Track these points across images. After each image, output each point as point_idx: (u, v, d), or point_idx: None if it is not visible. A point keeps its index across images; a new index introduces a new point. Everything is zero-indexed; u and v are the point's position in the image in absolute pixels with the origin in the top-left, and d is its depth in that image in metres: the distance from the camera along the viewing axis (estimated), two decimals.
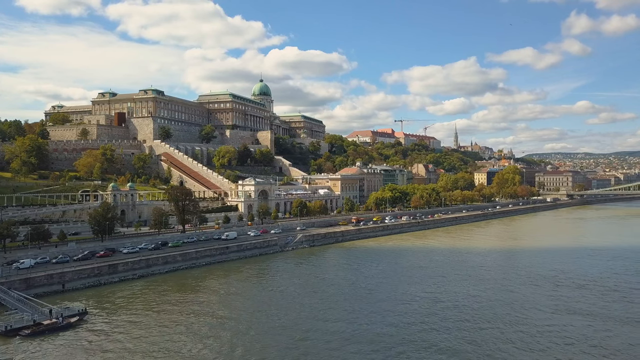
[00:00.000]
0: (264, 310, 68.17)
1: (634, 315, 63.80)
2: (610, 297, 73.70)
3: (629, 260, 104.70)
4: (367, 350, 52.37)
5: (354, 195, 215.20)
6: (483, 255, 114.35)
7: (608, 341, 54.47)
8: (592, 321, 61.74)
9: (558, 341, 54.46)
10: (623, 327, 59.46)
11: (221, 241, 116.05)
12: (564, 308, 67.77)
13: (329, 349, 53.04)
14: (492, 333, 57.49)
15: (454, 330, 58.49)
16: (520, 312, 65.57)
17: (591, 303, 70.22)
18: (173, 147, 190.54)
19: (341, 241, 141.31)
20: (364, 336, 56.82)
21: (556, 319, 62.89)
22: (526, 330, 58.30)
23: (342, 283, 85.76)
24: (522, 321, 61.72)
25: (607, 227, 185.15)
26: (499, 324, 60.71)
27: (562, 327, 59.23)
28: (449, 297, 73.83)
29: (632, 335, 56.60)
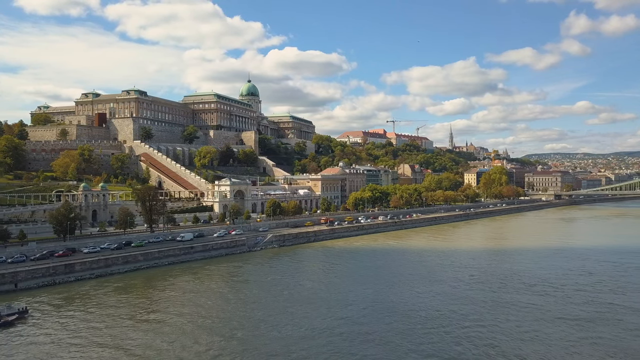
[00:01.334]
0: (200, 312, 68.59)
1: (566, 315, 64.36)
2: (552, 296, 74.29)
3: (588, 261, 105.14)
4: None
5: (336, 195, 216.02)
6: (445, 255, 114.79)
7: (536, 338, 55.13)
8: (523, 321, 62.32)
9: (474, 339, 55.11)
10: (555, 326, 60.03)
11: (186, 241, 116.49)
12: (494, 307, 68.42)
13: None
14: (418, 330, 58.15)
15: (375, 326, 59.18)
16: (449, 310, 66.20)
17: (529, 302, 70.80)
18: (152, 148, 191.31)
19: (313, 241, 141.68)
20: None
21: (483, 316, 63.54)
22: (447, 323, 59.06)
23: (289, 283, 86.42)
24: (445, 319, 62.41)
25: (583, 227, 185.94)
26: (420, 323, 61.31)
27: (481, 324, 59.92)
28: (391, 298, 74.44)
29: (553, 333, 57.20)
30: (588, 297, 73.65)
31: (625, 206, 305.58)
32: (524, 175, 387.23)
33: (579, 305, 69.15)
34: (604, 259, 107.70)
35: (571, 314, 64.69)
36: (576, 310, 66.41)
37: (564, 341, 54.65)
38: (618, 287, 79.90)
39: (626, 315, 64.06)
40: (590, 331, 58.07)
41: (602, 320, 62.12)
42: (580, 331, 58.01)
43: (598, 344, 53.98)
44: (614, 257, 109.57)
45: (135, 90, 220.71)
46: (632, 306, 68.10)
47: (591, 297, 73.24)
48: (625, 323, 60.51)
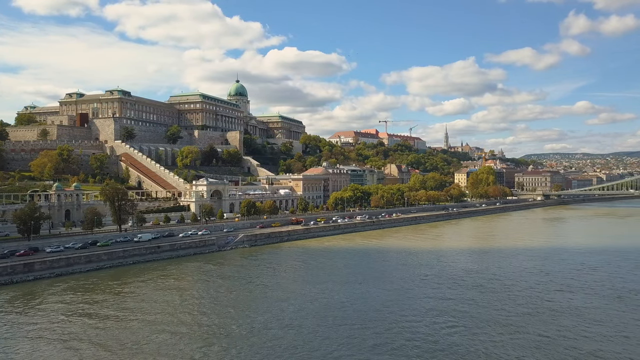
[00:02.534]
0: (148, 310, 69.33)
1: (493, 314, 64.97)
2: (493, 293, 74.99)
3: (549, 261, 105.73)
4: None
5: (318, 195, 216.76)
6: (409, 255, 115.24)
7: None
8: (460, 320, 62.94)
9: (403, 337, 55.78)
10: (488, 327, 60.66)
11: (144, 242, 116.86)
12: (438, 306, 69.03)
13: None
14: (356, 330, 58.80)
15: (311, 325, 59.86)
16: (375, 310, 66.89)
17: (469, 299, 71.43)
18: (133, 148, 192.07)
19: (286, 240, 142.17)
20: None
21: (423, 315, 64.22)
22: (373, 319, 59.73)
23: (239, 283, 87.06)
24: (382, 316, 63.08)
25: (559, 227, 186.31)
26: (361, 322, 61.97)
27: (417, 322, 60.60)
28: (334, 296, 75.13)
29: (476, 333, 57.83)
30: (529, 296, 74.21)
31: (613, 206, 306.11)
32: (514, 175, 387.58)
33: (514, 304, 69.55)
34: (567, 258, 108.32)
35: (503, 312, 65.30)
36: (508, 309, 66.95)
37: (487, 338, 55.23)
38: (566, 286, 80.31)
39: (556, 315, 64.51)
40: (510, 330, 58.59)
41: (529, 320, 62.45)
42: (499, 330, 58.52)
43: (505, 342, 54.55)
44: (578, 257, 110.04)
45: (119, 91, 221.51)
46: (567, 306, 68.52)
47: (531, 297, 73.77)
48: (551, 324, 60.67)
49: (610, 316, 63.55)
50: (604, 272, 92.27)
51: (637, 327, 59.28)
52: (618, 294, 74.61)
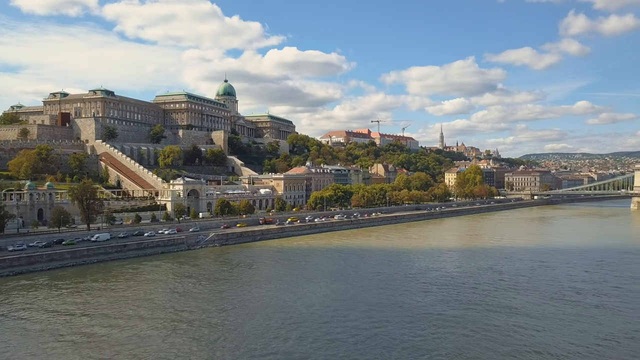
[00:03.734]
0: (84, 309, 70.02)
1: (428, 312, 65.63)
2: (434, 294, 75.59)
3: (507, 260, 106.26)
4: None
5: (300, 195, 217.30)
6: (374, 254, 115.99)
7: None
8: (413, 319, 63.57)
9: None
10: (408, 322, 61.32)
11: (119, 239, 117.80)
12: (377, 302, 69.71)
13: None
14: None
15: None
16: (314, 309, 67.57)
17: (410, 298, 72.08)
18: (113, 147, 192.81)
19: (259, 240, 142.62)
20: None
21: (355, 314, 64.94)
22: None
23: (190, 283, 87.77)
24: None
25: (534, 227, 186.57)
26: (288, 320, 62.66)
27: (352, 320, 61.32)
28: (279, 295, 75.82)
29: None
30: (471, 294, 74.85)
31: (600, 206, 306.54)
32: (504, 175, 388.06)
33: (454, 302, 70.21)
34: (527, 257, 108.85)
35: (437, 309, 66.10)
36: (444, 307, 67.68)
37: (410, 333, 55.88)
38: (513, 285, 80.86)
39: (490, 312, 65.09)
40: (436, 326, 59.22)
41: (461, 317, 63.07)
42: (424, 327, 59.16)
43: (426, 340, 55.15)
44: (539, 256, 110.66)
45: (102, 90, 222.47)
46: (505, 304, 69.08)
47: (472, 295, 74.47)
48: (480, 322, 61.16)
49: (544, 314, 64.08)
50: (558, 271, 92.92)
51: (567, 324, 59.76)
52: (562, 293, 75.13)
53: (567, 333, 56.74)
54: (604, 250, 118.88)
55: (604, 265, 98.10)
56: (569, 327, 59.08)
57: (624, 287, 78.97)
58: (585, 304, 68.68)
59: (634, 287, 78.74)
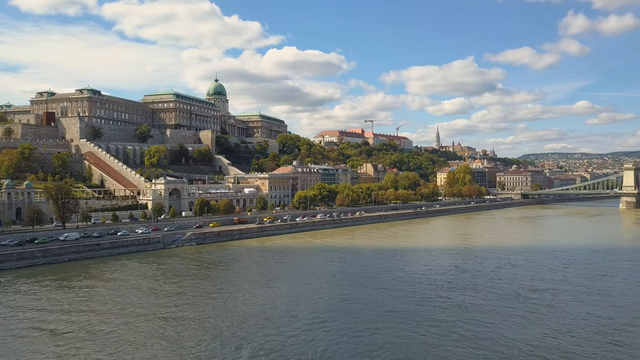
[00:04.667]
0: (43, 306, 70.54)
1: (379, 312, 66.06)
2: (397, 291, 76.08)
3: (476, 258, 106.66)
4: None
5: (286, 194, 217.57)
6: (345, 252, 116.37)
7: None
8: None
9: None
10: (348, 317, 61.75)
11: (92, 238, 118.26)
12: (330, 298, 70.26)
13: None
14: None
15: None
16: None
17: (365, 295, 72.54)
18: (97, 146, 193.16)
19: (238, 239, 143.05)
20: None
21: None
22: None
23: (168, 278, 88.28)
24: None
25: (516, 226, 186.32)
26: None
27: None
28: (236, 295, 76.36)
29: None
30: (427, 292, 75.35)
31: (589, 205, 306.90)
32: (496, 174, 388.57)
33: (409, 301, 70.61)
34: (496, 256, 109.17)
35: (385, 308, 66.52)
36: (396, 304, 68.19)
37: (351, 332, 56.34)
38: (473, 284, 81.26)
39: (439, 310, 65.55)
40: (377, 326, 59.65)
41: (407, 315, 63.56)
42: (366, 326, 59.61)
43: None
44: (508, 255, 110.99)
45: (89, 90, 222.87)
46: (458, 302, 69.55)
47: (429, 293, 74.96)
48: (426, 321, 61.57)
49: (491, 311, 64.50)
50: (522, 269, 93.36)
51: (513, 323, 60.17)
52: (517, 292, 75.52)
53: (506, 330, 57.13)
54: (575, 249, 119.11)
55: (570, 264, 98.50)
56: (510, 324, 59.45)
57: (581, 286, 79.24)
58: (536, 302, 69.02)
59: (590, 286, 78.96)
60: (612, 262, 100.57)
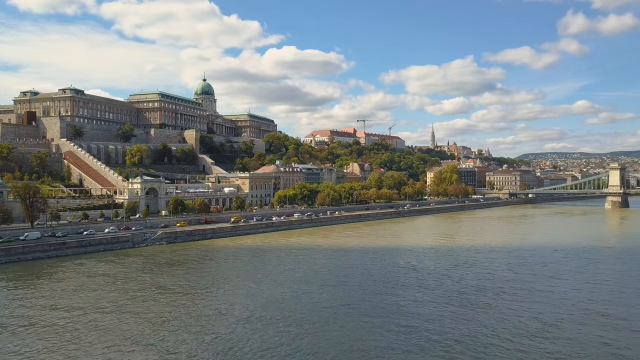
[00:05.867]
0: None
1: (308, 309, 66.64)
2: (345, 290, 76.65)
3: (435, 258, 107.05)
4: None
5: (267, 193, 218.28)
6: (306, 251, 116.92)
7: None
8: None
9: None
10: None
11: (56, 237, 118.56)
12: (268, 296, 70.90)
13: None
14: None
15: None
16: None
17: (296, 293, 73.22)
18: (77, 146, 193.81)
19: (210, 238, 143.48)
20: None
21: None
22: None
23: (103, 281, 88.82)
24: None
25: (494, 226, 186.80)
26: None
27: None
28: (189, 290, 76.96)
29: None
30: (366, 291, 75.91)
31: (576, 205, 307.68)
32: (485, 174, 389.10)
33: (346, 299, 71.27)
34: (456, 256, 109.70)
35: (317, 307, 67.10)
36: (331, 303, 68.76)
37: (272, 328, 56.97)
38: (421, 284, 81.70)
39: (375, 309, 66.10)
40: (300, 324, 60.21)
41: (333, 313, 64.13)
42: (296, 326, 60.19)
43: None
44: (470, 255, 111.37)
45: (71, 89, 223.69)
46: (393, 302, 70.01)
47: (367, 292, 75.43)
48: (355, 320, 62.17)
49: (426, 311, 65.02)
50: (476, 269, 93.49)
51: (438, 321, 60.68)
52: (461, 291, 75.95)
53: (432, 330, 57.64)
54: (539, 248, 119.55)
55: (527, 264, 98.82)
56: (439, 324, 59.94)
57: (527, 286, 79.60)
58: (476, 302, 69.29)
59: (534, 286, 79.27)
60: (570, 262, 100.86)
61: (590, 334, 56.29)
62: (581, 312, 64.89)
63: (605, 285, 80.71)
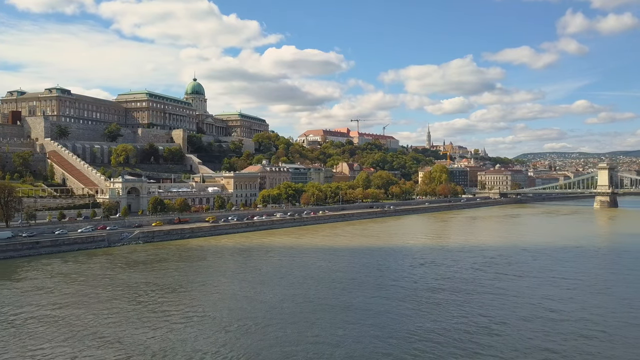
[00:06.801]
0: None
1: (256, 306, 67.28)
2: (299, 289, 77.27)
3: (404, 258, 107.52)
4: None
5: (253, 193, 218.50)
6: (280, 251, 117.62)
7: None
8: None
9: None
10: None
11: (29, 237, 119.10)
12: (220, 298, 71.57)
13: None
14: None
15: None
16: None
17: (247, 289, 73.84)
18: (60, 145, 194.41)
19: (189, 237, 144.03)
20: None
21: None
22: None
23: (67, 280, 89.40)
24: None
25: (473, 226, 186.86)
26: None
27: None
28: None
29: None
30: (326, 291, 76.57)
31: (566, 204, 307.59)
32: (477, 173, 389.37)
33: (295, 297, 71.92)
34: (422, 255, 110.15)
35: (272, 305, 67.68)
36: (281, 303, 69.36)
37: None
38: (379, 283, 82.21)
39: (323, 308, 66.69)
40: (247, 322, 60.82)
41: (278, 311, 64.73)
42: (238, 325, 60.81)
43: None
44: (436, 254, 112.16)
45: (57, 89, 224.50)
46: (340, 301, 70.62)
47: (326, 291, 76.18)
48: (299, 319, 62.69)
49: (373, 310, 65.60)
50: (437, 269, 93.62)
51: (380, 320, 61.31)
52: (416, 291, 76.44)
53: (373, 324, 58.25)
54: (508, 248, 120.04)
55: (491, 263, 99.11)
56: (382, 319, 60.58)
57: (484, 285, 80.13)
58: (425, 301, 69.82)
59: (490, 286, 79.71)
60: (535, 262, 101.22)
61: (527, 331, 56.87)
62: (528, 310, 65.50)
63: (560, 284, 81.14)
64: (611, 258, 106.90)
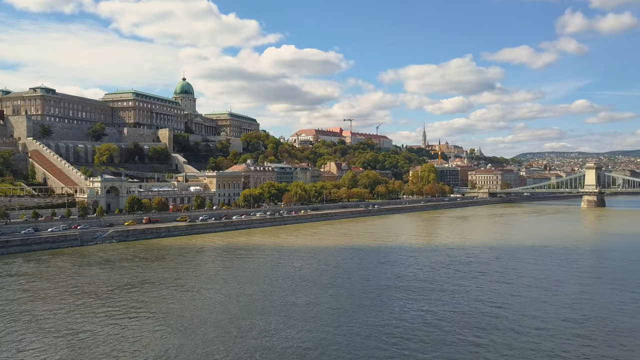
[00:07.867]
0: None
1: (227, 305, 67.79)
2: (258, 289, 77.84)
3: (366, 257, 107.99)
4: None
5: (236, 192, 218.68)
6: (261, 250, 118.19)
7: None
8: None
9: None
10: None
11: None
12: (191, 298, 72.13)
13: None
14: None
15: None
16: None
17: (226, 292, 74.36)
18: (42, 145, 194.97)
19: (164, 237, 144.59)
20: None
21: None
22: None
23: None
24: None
25: (451, 225, 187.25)
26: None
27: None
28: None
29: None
30: (278, 289, 77.17)
31: (553, 204, 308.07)
32: (467, 173, 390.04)
33: (247, 296, 72.49)
34: (386, 255, 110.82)
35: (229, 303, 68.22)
36: (226, 302, 69.90)
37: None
38: (331, 282, 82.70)
39: (270, 310, 67.27)
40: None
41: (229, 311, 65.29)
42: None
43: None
44: (399, 254, 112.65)
45: (42, 88, 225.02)
46: (289, 301, 71.19)
47: (277, 290, 76.70)
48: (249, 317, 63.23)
49: (317, 310, 66.15)
50: (396, 268, 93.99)
51: (319, 319, 61.82)
52: (366, 290, 76.87)
53: (307, 329, 58.79)
54: (475, 247, 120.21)
55: (453, 263, 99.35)
56: (317, 322, 61.13)
57: (435, 284, 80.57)
58: (374, 301, 70.14)
59: (445, 285, 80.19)
60: (497, 261, 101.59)
61: (460, 332, 57.31)
62: (470, 306, 66.02)
63: (514, 281, 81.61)
64: (574, 258, 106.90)
